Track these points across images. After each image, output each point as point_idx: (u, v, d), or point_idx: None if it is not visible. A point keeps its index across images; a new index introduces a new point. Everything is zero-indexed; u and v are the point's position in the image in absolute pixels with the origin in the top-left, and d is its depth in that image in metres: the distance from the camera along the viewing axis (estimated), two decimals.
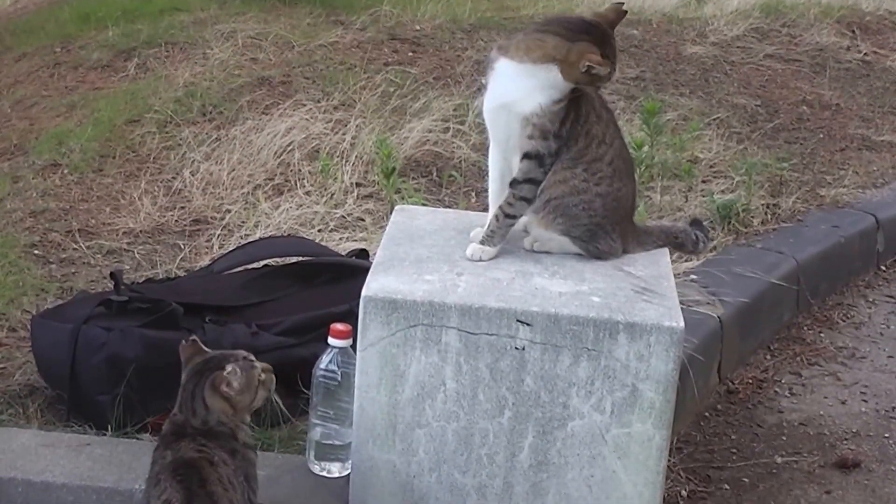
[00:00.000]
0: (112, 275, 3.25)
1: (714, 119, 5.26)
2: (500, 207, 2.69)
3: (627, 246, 2.78)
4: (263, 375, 2.49)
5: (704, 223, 2.99)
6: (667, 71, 5.84)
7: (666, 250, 2.86)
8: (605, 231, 2.72)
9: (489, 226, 2.71)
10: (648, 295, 2.60)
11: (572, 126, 2.63)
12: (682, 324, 2.50)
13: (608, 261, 2.74)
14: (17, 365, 3.32)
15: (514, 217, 2.70)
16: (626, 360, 2.50)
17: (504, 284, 2.59)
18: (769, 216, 4.52)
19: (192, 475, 2.33)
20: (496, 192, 2.74)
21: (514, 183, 2.67)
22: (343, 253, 3.69)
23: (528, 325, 2.49)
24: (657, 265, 2.77)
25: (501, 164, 2.71)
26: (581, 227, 2.70)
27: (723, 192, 4.57)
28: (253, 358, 2.50)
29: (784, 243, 4.35)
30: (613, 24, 2.65)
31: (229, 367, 2.44)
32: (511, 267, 2.68)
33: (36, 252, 4.02)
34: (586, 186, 2.66)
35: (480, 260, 2.70)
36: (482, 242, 2.72)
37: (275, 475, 2.79)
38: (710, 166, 4.83)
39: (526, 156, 2.65)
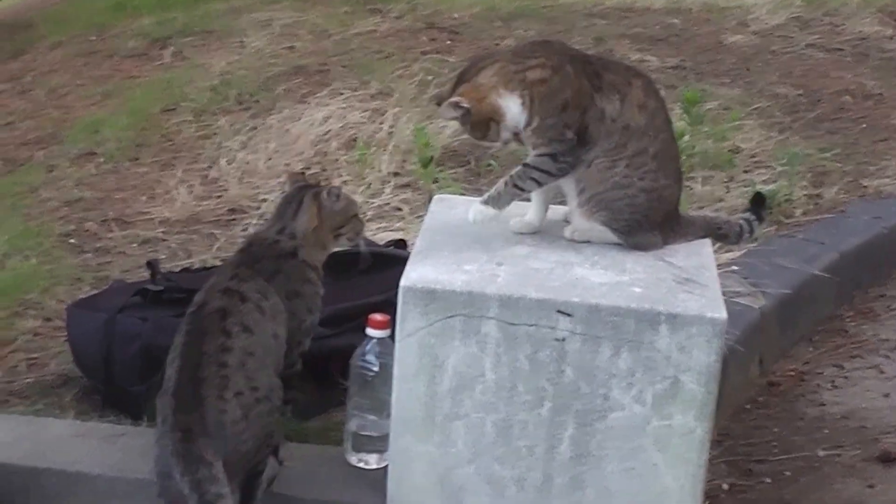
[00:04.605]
0: (149, 264, 3.24)
1: (755, 109, 5.20)
2: (511, 176, 2.66)
3: (669, 236, 2.74)
4: (359, 217, 2.80)
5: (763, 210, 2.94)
6: (707, 60, 5.78)
7: (708, 241, 2.82)
8: (647, 225, 2.69)
9: (496, 187, 2.67)
10: (690, 285, 2.56)
11: (595, 125, 2.60)
12: (724, 315, 2.46)
13: (649, 251, 2.70)
14: (51, 354, 3.31)
15: (522, 190, 2.66)
16: (667, 351, 2.45)
17: (544, 274, 2.55)
18: (811, 207, 4.45)
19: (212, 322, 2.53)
20: None
21: (526, 164, 2.65)
22: (381, 243, 3.66)
23: (568, 315, 2.45)
24: (699, 255, 2.73)
25: None
26: (622, 220, 2.66)
27: (764, 182, 4.51)
28: (354, 199, 2.85)
29: (826, 234, 4.28)
30: None
31: (339, 185, 2.78)
32: (551, 257, 2.64)
33: (71, 241, 4.02)
34: (629, 181, 2.63)
35: (474, 221, 2.67)
36: (484, 202, 2.68)
37: (311, 467, 2.77)
38: (751, 156, 4.76)
39: (541, 154, 2.63)
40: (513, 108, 2.62)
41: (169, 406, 2.45)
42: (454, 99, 2.62)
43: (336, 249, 2.81)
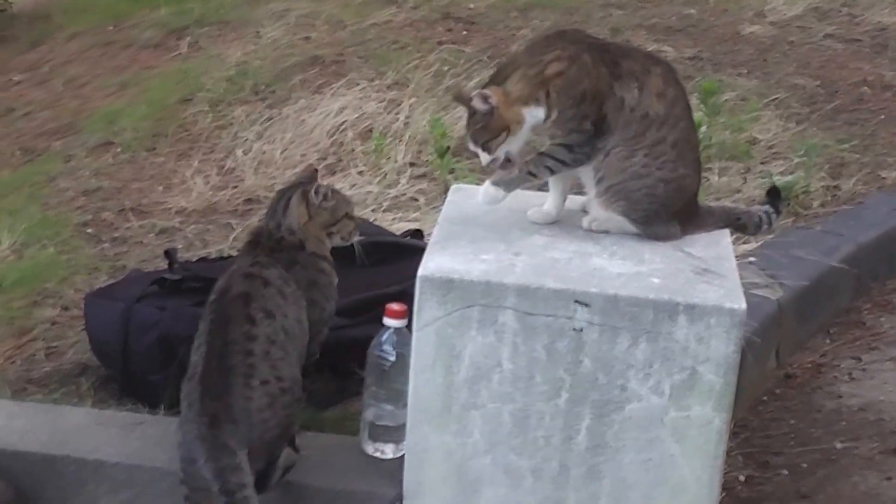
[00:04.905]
0: (166, 253, 3.24)
1: (772, 100, 5.17)
2: (525, 162, 2.66)
3: (688, 226, 2.72)
4: (352, 216, 2.80)
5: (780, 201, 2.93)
6: (724, 51, 5.75)
7: (726, 231, 2.80)
8: (665, 215, 2.68)
9: (510, 172, 2.67)
10: (709, 276, 2.55)
11: (613, 114, 2.59)
12: (743, 305, 2.45)
13: (667, 242, 2.69)
14: (69, 343, 3.32)
15: (535, 177, 2.66)
16: (685, 342, 2.45)
17: (562, 264, 2.55)
18: (829, 198, 4.43)
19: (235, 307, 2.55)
20: None
21: (542, 153, 2.65)
22: (397, 233, 3.66)
23: (586, 305, 2.45)
24: (717, 246, 2.72)
25: None
26: (641, 210, 2.65)
27: (781, 173, 4.49)
28: (352, 201, 2.86)
29: (844, 226, 4.27)
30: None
31: (324, 184, 2.77)
32: (569, 247, 2.63)
33: (88, 231, 4.03)
34: (648, 171, 2.62)
35: (484, 201, 2.68)
36: (495, 183, 2.67)
37: (328, 456, 2.77)
38: (769, 147, 4.74)
39: (556, 143, 2.64)
40: (535, 114, 2.61)
41: (196, 391, 2.47)
42: (486, 91, 2.60)
43: (335, 245, 2.82)
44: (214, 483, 2.39)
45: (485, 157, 2.65)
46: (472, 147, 2.68)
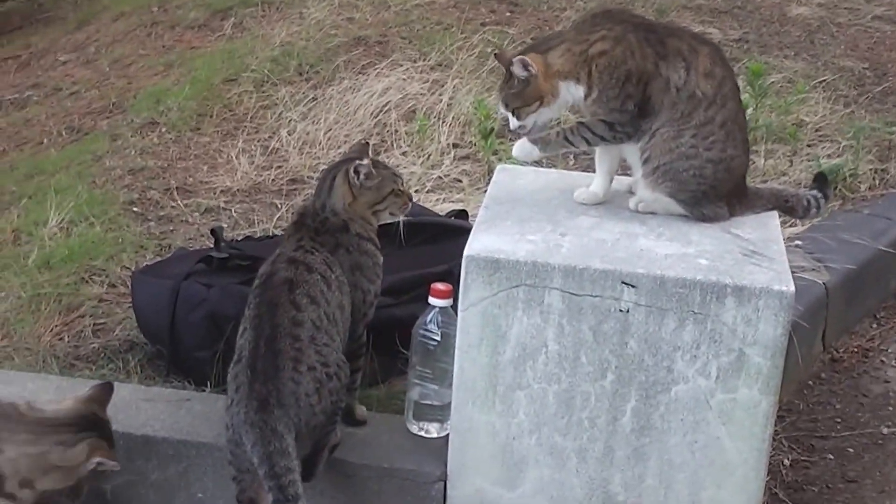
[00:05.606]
0: (213, 231, 3.26)
1: (820, 82, 5.12)
2: (564, 129, 2.67)
3: (736, 208, 2.71)
4: (401, 191, 2.75)
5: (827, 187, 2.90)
6: (771, 32, 5.70)
7: (775, 213, 2.79)
8: (713, 197, 2.66)
9: (549, 133, 2.69)
10: (757, 258, 2.53)
11: (658, 94, 2.58)
12: (792, 288, 2.43)
13: (715, 223, 2.68)
14: (117, 320, 3.35)
15: (571, 144, 2.67)
16: (733, 324, 2.44)
17: (609, 245, 2.54)
18: (877, 181, 4.39)
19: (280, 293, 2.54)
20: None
21: (582, 123, 2.65)
22: (441, 214, 3.66)
23: (632, 287, 2.44)
24: (766, 228, 2.70)
25: None
26: (688, 191, 2.64)
27: (829, 156, 4.45)
28: (400, 175, 2.79)
29: (892, 209, 4.22)
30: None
31: (365, 161, 2.69)
32: (616, 228, 2.62)
33: (135, 209, 4.05)
34: (695, 152, 2.60)
35: (517, 155, 2.70)
36: (533, 140, 2.69)
37: (373, 434, 2.78)
38: (816, 130, 4.70)
39: (598, 118, 2.64)
40: (572, 91, 2.63)
41: (244, 375, 2.46)
42: (527, 59, 2.60)
43: (383, 223, 2.79)
44: (261, 467, 2.39)
45: (513, 122, 2.68)
46: (502, 109, 2.71)
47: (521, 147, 2.69)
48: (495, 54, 2.74)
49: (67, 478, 2.47)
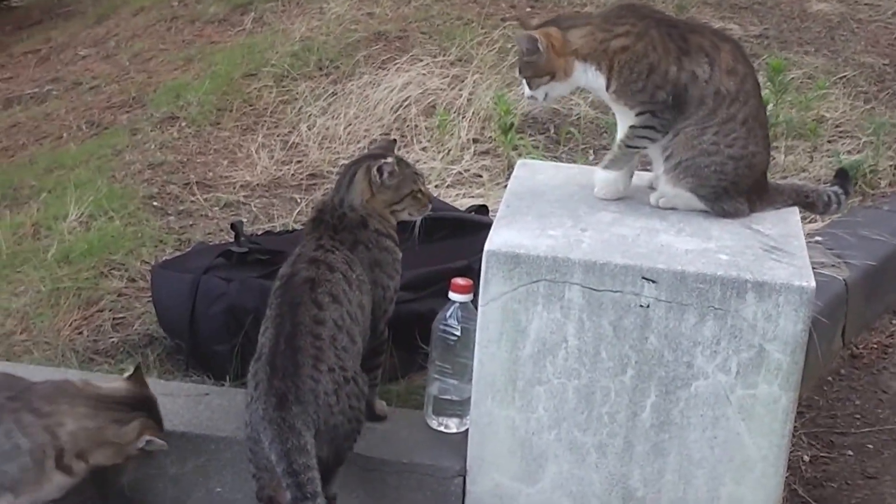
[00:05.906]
0: (233, 226, 3.26)
1: (840, 78, 5.11)
2: (622, 140, 2.68)
3: (756, 204, 2.70)
4: (421, 192, 2.74)
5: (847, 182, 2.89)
6: (791, 28, 5.68)
7: (795, 209, 2.78)
8: (734, 192, 2.66)
9: (612, 152, 2.72)
10: (777, 254, 2.53)
11: (692, 87, 2.58)
12: (812, 283, 2.43)
13: (735, 219, 2.67)
14: (136, 315, 3.36)
15: (636, 148, 2.68)
16: (753, 319, 2.43)
17: (629, 241, 2.54)
18: None
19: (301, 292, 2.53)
20: None
21: (633, 126, 2.65)
22: (461, 209, 3.66)
23: (653, 282, 2.44)
24: (786, 224, 2.70)
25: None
26: (709, 187, 2.64)
27: (849, 152, 4.44)
28: (421, 175, 2.78)
29: None
30: None
31: (389, 159, 2.68)
32: (636, 223, 2.62)
33: (154, 204, 4.06)
34: (717, 149, 2.61)
35: (600, 193, 2.74)
36: (605, 167, 2.73)
37: (392, 429, 2.78)
38: (836, 126, 4.69)
39: (640, 112, 2.63)
40: (590, 75, 2.63)
41: (263, 371, 2.45)
42: (535, 34, 2.63)
43: (401, 220, 2.78)
44: (279, 464, 2.38)
45: (526, 90, 2.71)
46: (518, 75, 2.74)
47: (601, 182, 2.74)
48: (519, 21, 2.76)
49: (117, 455, 2.52)
